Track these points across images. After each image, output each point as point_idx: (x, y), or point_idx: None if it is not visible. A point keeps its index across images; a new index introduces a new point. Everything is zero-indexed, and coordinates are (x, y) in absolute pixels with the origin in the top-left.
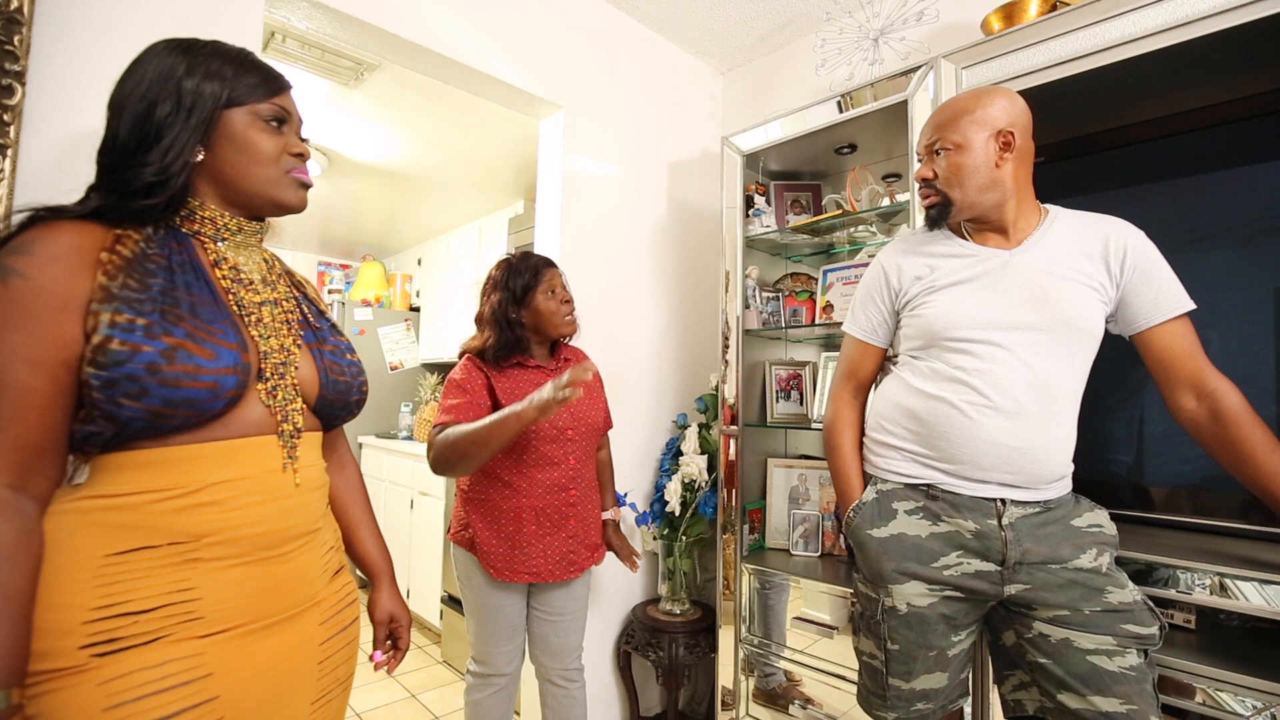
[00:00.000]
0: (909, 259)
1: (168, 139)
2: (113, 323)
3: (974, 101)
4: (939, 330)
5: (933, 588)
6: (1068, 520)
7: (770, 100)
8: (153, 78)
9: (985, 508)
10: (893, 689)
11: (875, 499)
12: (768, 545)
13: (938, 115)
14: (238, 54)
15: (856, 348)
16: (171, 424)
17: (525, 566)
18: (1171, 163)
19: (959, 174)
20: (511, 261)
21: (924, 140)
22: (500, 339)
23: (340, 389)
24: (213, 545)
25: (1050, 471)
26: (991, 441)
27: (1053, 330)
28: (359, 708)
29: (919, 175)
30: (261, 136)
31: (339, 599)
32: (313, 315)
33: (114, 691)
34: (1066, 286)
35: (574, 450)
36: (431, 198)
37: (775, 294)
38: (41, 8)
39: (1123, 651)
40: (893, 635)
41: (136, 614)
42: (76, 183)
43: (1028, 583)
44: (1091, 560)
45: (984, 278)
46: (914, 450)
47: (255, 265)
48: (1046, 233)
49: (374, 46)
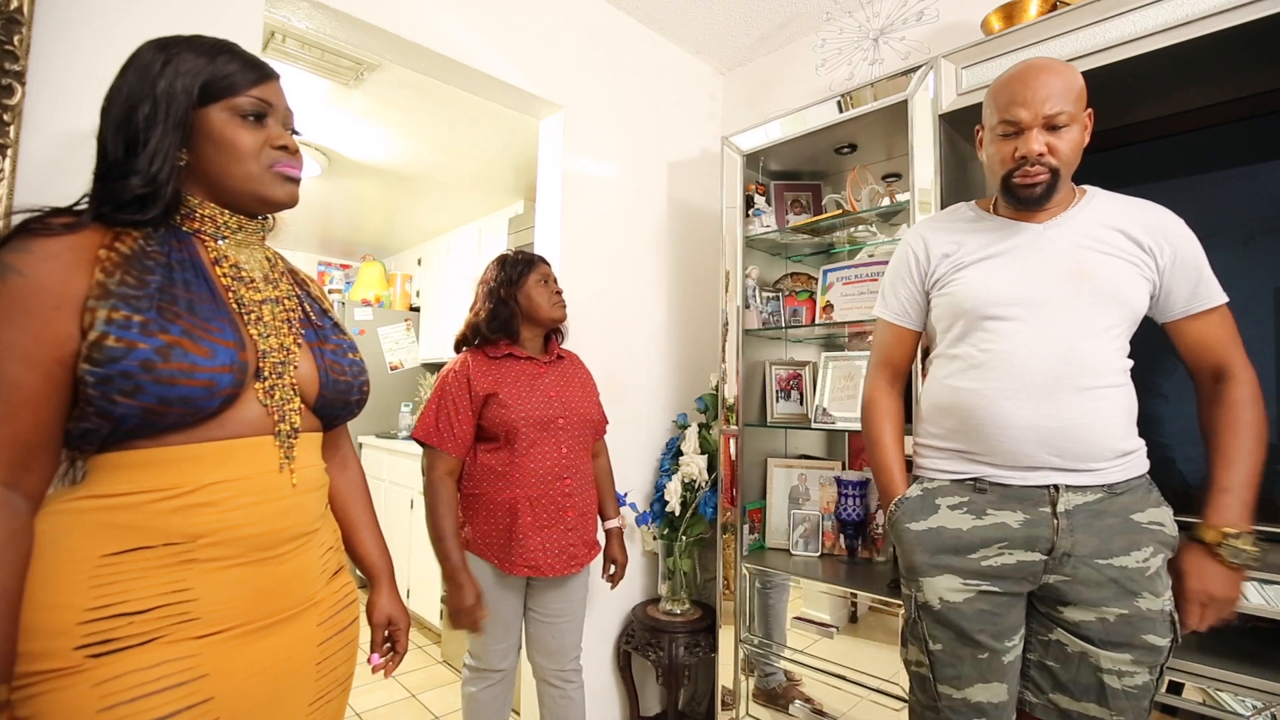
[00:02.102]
0: (936, 235)
1: (151, 144)
2: (109, 319)
3: (1074, 73)
4: (970, 307)
5: (968, 582)
6: (1129, 513)
7: (770, 100)
8: (132, 80)
9: (1038, 496)
10: (944, 698)
11: (920, 495)
12: (768, 545)
13: (1053, 82)
14: (213, 46)
15: (889, 332)
16: (166, 422)
17: (523, 560)
18: (1171, 163)
19: (1076, 151)
20: (507, 254)
21: (1038, 109)
22: (494, 312)
23: (341, 389)
24: (209, 546)
25: (1101, 448)
26: (1028, 425)
27: (1087, 302)
28: (359, 708)
29: (1030, 150)
30: (240, 133)
31: (337, 599)
32: (315, 314)
33: (109, 693)
34: (1105, 260)
35: (566, 439)
36: (431, 198)
37: (775, 294)
38: (41, 8)
39: (1133, 673)
40: (931, 634)
41: (132, 615)
42: (76, 183)
43: (1069, 576)
44: (1141, 560)
45: (1015, 251)
46: (956, 447)
47: (257, 263)
48: (1084, 208)
49: (374, 46)
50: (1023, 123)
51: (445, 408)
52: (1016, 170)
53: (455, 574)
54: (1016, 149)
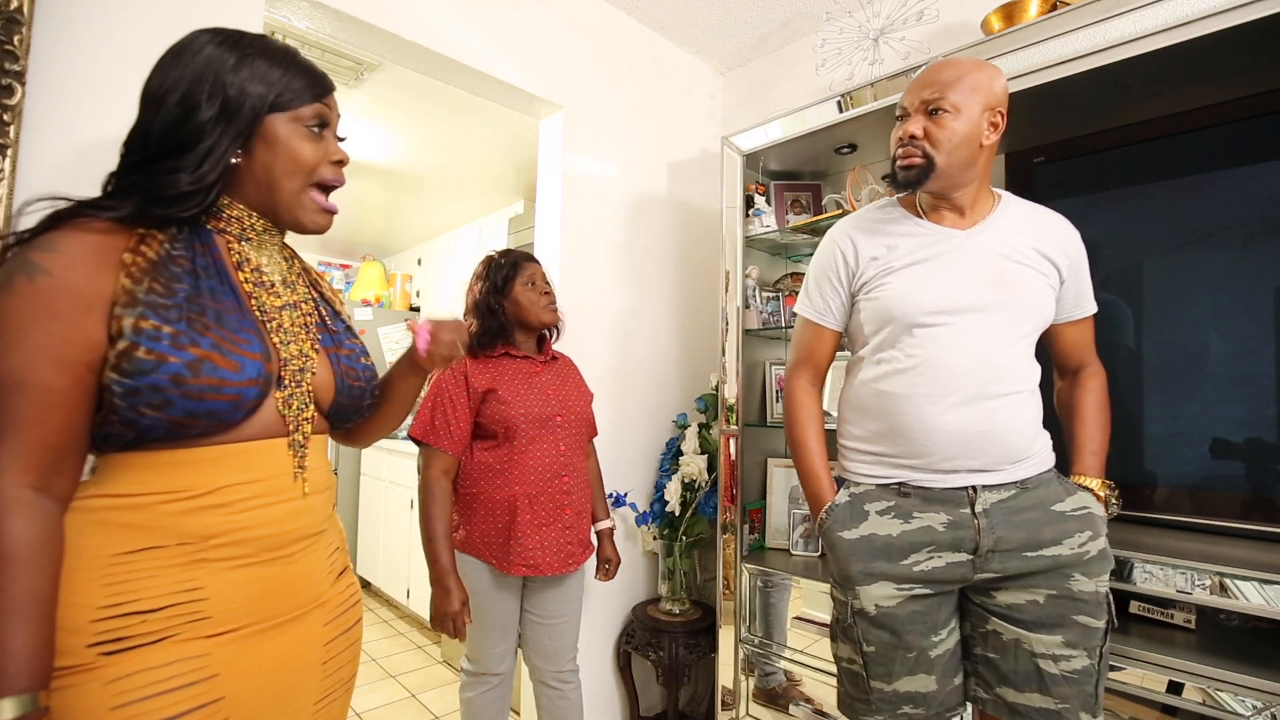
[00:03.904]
0: (865, 238)
1: (206, 143)
2: (137, 328)
3: (981, 69)
4: (898, 314)
5: (901, 587)
6: (1049, 504)
7: (770, 100)
8: (195, 74)
9: (957, 498)
10: (875, 691)
11: (848, 501)
12: (768, 545)
13: (941, 72)
14: (284, 53)
15: (811, 331)
16: (191, 433)
17: (521, 558)
18: (1171, 163)
19: (952, 139)
20: (493, 256)
21: (918, 95)
22: (484, 326)
23: (355, 394)
24: (220, 546)
25: (1016, 448)
26: (951, 430)
27: (1009, 311)
28: (359, 707)
29: (906, 130)
30: (304, 144)
31: (343, 600)
32: (329, 317)
33: (121, 691)
34: (1021, 270)
35: (564, 437)
36: (431, 198)
37: (775, 294)
38: (41, 8)
39: (1069, 656)
40: (866, 637)
41: (144, 613)
42: (77, 183)
43: (998, 571)
44: (1078, 545)
45: (941, 258)
46: (880, 451)
47: (276, 265)
48: (1000, 216)
49: (374, 46)
50: (905, 107)
51: (441, 405)
52: (898, 153)
53: (443, 577)
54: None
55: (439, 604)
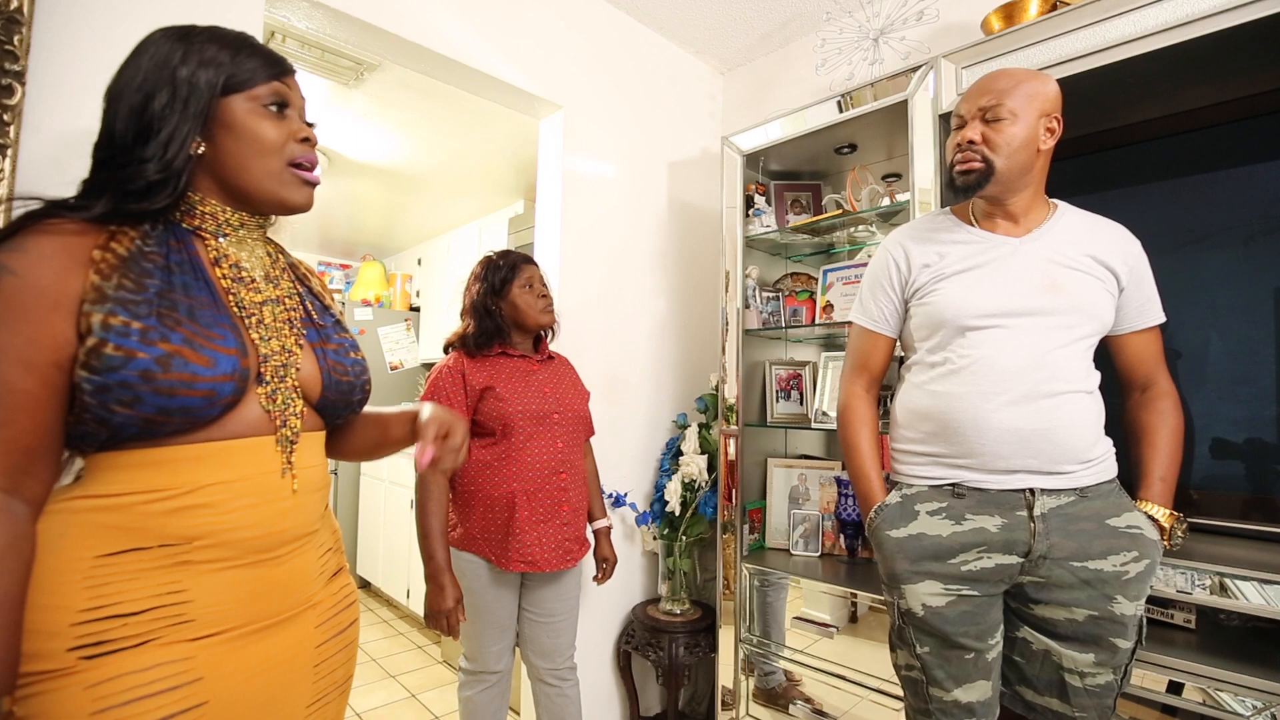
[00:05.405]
0: (917, 246)
1: (166, 131)
2: (106, 325)
3: (1035, 78)
4: (950, 318)
5: (949, 587)
6: (1104, 517)
7: (770, 100)
8: (148, 67)
9: (1014, 500)
10: (935, 700)
11: (899, 502)
12: (768, 545)
13: (998, 81)
14: (236, 38)
15: (865, 338)
16: (166, 430)
17: (520, 555)
18: (1171, 163)
19: (1011, 144)
20: (491, 257)
21: (976, 102)
22: (480, 327)
23: (343, 389)
24: (204, 548)
25: (1075, 450)
26: (1007, 428)
27: (1063, 315)
28: (359, 708)
29: (964, 135)
30: (264, 123)
31: (336, 601)
32: (316, 312)
33: (101, 695)
34: (1075, 276)
35: (561, 434)
36: (431, 198)
37: (775, 294)
38: (41, 8)
39: (1095, 674)
40: (918, 639)
41: (126, 616)
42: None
43: (1043, 578)
44: (1120, 564)
45: (994, 264)
46: (935, 452)
47: (258, 260)
48: (1055, 224)
49: (374, 46)
50: (963, 115)
51: (439, 402)
52: (956, 159)
53: (438, 574)
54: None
55: (433, 600)
